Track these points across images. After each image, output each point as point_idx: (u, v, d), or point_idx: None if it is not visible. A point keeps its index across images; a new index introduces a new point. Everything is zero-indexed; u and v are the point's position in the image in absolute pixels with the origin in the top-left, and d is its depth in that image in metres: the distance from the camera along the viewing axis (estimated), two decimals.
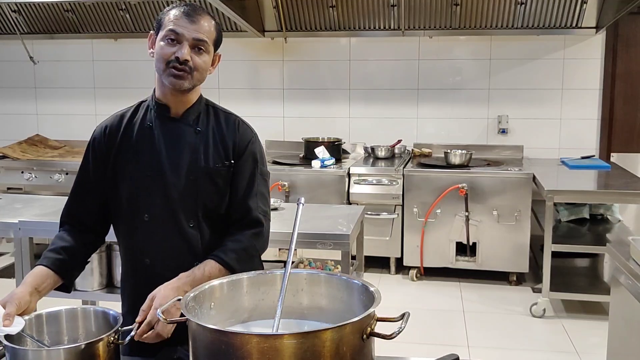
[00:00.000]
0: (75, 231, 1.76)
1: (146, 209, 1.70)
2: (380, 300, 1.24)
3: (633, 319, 2.28)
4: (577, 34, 4.91)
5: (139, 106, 1.79)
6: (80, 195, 1.78)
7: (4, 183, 5.05)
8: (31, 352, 1.38)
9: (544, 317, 3.96)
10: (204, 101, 1.78)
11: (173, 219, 1.69)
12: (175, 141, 1.70)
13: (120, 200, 1.73)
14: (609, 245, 2.58)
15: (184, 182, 1.68)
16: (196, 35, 1.63)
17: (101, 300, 3.10)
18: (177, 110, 1.72)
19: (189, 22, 1.63)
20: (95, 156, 1.75)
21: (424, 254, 4.60)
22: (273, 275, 1.44)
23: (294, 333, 1.13)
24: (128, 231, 1.75)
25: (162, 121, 1.72)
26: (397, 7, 4.81)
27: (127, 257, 1.79)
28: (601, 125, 5.04)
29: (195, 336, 1.20)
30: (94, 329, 1.52)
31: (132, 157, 1.71)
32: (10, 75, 5.83)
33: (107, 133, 1.74)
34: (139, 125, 1.73)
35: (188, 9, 1.65)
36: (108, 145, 1.73)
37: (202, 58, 1.66)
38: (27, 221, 2.92)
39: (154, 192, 1.69)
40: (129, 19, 5.20)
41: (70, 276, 1.71)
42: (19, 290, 1.55)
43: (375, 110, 5.33)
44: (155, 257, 1.72)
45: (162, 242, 1.71)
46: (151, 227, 1.70)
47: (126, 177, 1.71)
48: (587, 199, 4.33)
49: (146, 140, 1.71)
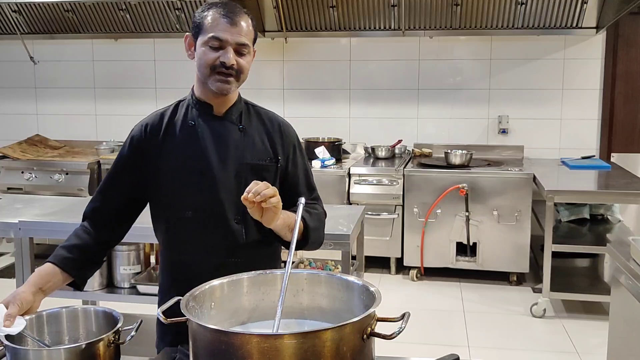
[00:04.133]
0: (93, 228, 1.76)
1: (190, 206, 1.71)
2: (381, 300, 1.24)
3: (633, 319, 2.28)
4: (578, 34, 4.91)
5: (177, 105, 1.80)
6: (109, 189, 1.79)
7: (4, 183, 5.05)
8: (32, 352, 1.38)
9: (545, 317, 3.96)
10: (242, 100, 1.81)
11: (218, 214, 1.70)
12: (221, 138, 1.72)
13: (162, 197, 1.74)
14: (609, 245, 2.58)
15: (231, 178, 1.70)
16: (239, 40, 1.65)
17: (101, 300, 3.10)
18: (219, 109, 1.75)
19: (230, 25, 1.64)
20: (133, 153, 1.75)
21: (424, 254, 4.60)
22: (273, 275, 1.44)
23: (294, 333, 1.13)
24: (169, 227, 1.76)
25: (205, 119, 1.74)
26: (397, 7, 4.81)
27: (166, 253, 1.80)
28: (601, 126, 5.04)
29: (195, 336, 1.20)
30: (95, 328, 1.52)
31: (176, 155, 1.72)
32: (11, 75, 5.83)
33: (147, 131, 1.75)
34: (181, 124, 1.74)
35: (227, 10, 1.66)
36: (150, 143, 1.74)
37: (245, 59, 1.68)
38: (27, 221, 2.92)
39: (199, 189, 1.70)
40: (129, 19, 5.20)
41: (81, 275, 1.71)
42: (22, 289, 1.55)
43: (375, 110, 5.33)
44: (196, 253, 1.72)
45: (205, 238, 1.72)
46: (194, 223, 1.71)
47: (169, 175, 1.72)
48: (587, 199, 4.33)
49: (190, 138, 1.72)
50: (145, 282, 3.03)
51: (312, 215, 1.74)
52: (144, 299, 2.98)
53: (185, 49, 1.73)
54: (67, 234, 1.75)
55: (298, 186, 1.80)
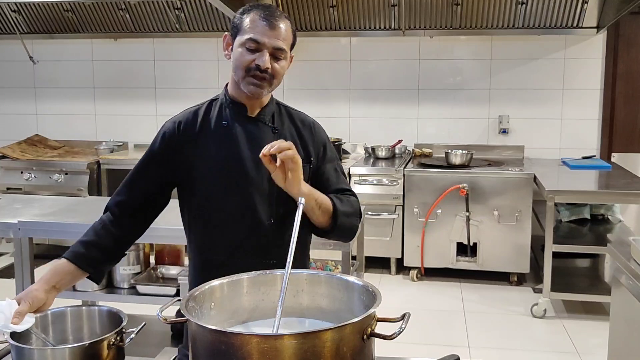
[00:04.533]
0: (113, 223, 1.74)
1: (223, 206, 1.70)
2: (381, 300, 1.24)
3: (634, 319, 2.27)
4: (578, 34, 4.91)
5: (210, 103, 1.79)
6: (136, 182, 1.77)
7: (4, 183, 5.05)
8: (36, 351, 1.38)
9: (545, 318, 3.96)
10: (275, 100, 1.82)
11: (252, 215, 1.70)
12: (255, 140, 1.71)
13: (195, 197, 1.73)
14: (609, 245, 2.57)
15: (264, 180, 1.69)
16: (276, 44, 1.64)
17: (101, 301, 3.09)
18: (253, 109, 1.75)
19: (269, 29, 1.63)
20: (165, 148, 1.74)
21: (425, 254, 4.59)
22: (273, 275, 1.44)
23: (294, 333, 1.12)
24: (202, 228, 1.75)
25: (239, 120, 1.74)
26: (397, 7, 4.81)
27: (198, 254, 1.78)
28: (602, 125, 5.03)
29: (195, 336, 1.19)
30: (99, 328, 1.53)
31: (210, 154, 1.71)
32: (10, 75, 5.83)
33: (181, 128, 1.73)
34: (215, 123, 1.74)
35: (267, 13, 1.65)
36: (183, 140, 1.73)
37: (281, 64, 1.68)
38: (26, 221, 2.91)
39: (233, 190, 1.70)
40: (129, 19, 5.20)
41: (98, 271, 1.71)
42: (35, 287, 1.56)
43: (375, 110, 5.33)
44: (229, 253, 1.71)
45: (238, 239, 1.71)
46: (228, 223, 1.71)
47: (203, 174, 1.71)
48: (588, 199, 4.33)
49: (224, 138, 1.72)
50: (145, 282, 3.03)
51: (343, 201, 1.72)
52: (143, 299, 2.98)
53: (222, 48, 1.74)
54: (67, 234, 1.75)
55: (329, 184, 1.78)
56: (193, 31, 5.28)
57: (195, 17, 5.14)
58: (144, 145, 5.62)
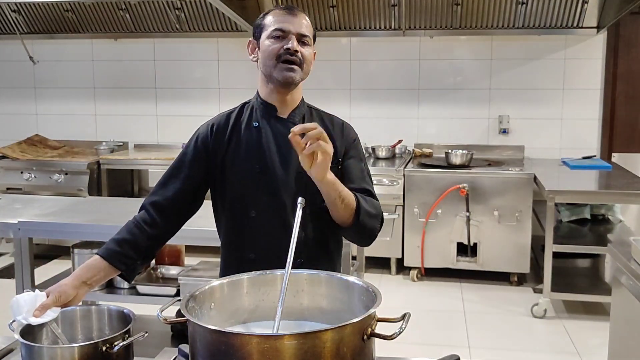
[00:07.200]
0: (147, 221, 1.75)
1: (254, 206, 1.74)
2: (381, 300, 1.24)
3: (634, 319, 2.27)
4: (578, 34, 4.91)
5: (243, 107, 1.84)
6: (172, 182, 1.79)
7: (4, 183, 5.05)
8: (46, 349, 1.39)
9: (545, 318, 3.96)
10: (305, 103, 1.85)
11: (281, 215, 1.72)
12: (284, 139, 1.71)
13: (227, 197, 1.77)
14: (610, 245, 2.57)
15: (293, 179, 1.72)
16: (300, 30, 1.71)
17: (101, 301, 3.08)
18: (283, 111, 1.78)
19: (292, 17, 1.71)
20: (198, 151, 1.78)
21: (425, 254, 4.59)
22: (273, 275, 1.44)
23: (294, 334, 1.12)
24: (233, 227, 1.78)
25: (269, 120, 1.77)
26: (397, 7, 4.81)
27: (230, 252, 1.82)
28: (602, 125, 5.03)
29: (195, 337, 1.19)
30: (108, 327, 1.54)
31: (241, 155, 1.75)
32: (10, 75, 5.83)
33: (214, 131, 1.79)
34: (246, 125, 1.78)
35: (286, 6, 1.76)
36: (216, 143, 1.77)
37: (308, 50, 1.74)
38: (26, 221, 2.91)
39: (262, 189, 1.73)
40: (129, 19, 5.20)
41: (130, 269, 1.72)
42: (65, 282, 1.58)
43: (376, 110, 5.33)
44: (260, 252, 1.74)
45: (268, 238, 1.73)
46: (258, 223, 1.74)
47: (234, 175, 1.75)
48: (588, 199, 4.33)
49: (254, 139, 1.76)
50: (145, 282, 3.03)
51: (367, 201, 1.72)
52: (143, 299, 2.98)
53: (248, 54, 1.79)
54: (67, 234, 1.75)
55: (352, 178, 1.78)
56: (193, 31, 5.28)
57: (196, 17, 5.14)
58: (144, 145, 5.65)
